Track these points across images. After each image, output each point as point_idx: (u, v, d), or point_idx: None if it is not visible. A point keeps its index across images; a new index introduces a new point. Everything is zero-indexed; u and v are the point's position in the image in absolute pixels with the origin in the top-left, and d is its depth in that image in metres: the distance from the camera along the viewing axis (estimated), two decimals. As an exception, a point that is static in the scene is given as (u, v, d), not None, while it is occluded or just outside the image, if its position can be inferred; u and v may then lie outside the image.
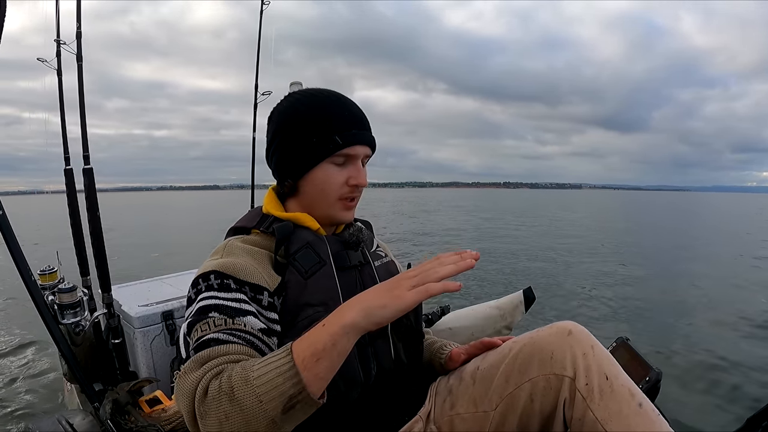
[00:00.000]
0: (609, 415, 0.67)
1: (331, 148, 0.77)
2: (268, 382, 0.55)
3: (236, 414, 0.55)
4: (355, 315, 0.57)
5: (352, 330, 0.57)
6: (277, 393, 0.55)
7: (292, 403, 0.55)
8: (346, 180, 0.79)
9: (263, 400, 0.54)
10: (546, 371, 0.72)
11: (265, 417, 0.55)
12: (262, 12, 2.23)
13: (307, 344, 0.57)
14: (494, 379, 0.77)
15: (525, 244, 9.33)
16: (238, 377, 0.56)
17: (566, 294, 4.92)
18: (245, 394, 0.55)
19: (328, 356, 0.56)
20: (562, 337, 0.73)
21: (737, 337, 3.45)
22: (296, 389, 0.55)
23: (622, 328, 3.67)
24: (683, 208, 31.43)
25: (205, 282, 0.70)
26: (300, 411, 0.56)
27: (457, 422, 0.80)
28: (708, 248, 9.10)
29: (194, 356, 0.62)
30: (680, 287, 5.32)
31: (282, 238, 0.77)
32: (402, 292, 0.57)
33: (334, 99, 0.81)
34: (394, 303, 0.57)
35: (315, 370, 0.56)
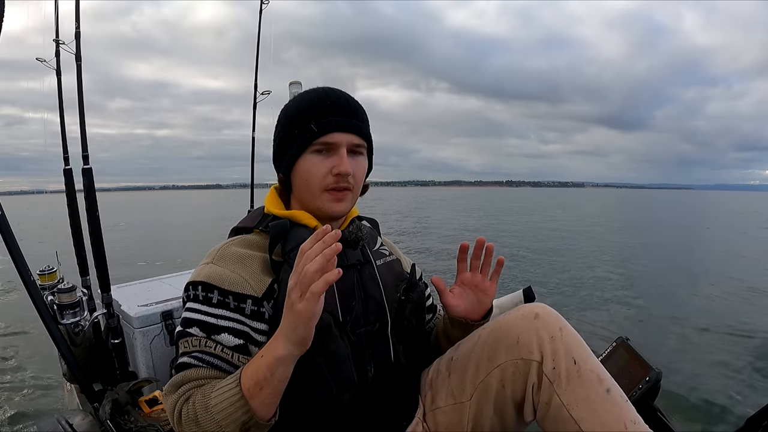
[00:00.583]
0: (575, 400, 0.66)
1: (308, 137, 0.77)
2: (222, 411, 0.63)
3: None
4: (282, 346, 0.62)
5: (286, 358, 0.62)
6: (231, 420, 0.63)
7: (246, 427, 0.64)
8: (329, 169, 0.78)
9: (222, 425, 0.63)
10: (514, 356, 0.71)
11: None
12: (261, 12, 2.23)
13: (250, 373, 0.64)
14: (467, 368, 0.77)
15: (524, 241, 9.33)
16: (200, 405, 0.65)
17: (566, 293, 4.92)
18: (207, 420, 0.64)
19: (269, 384, 0.62)
20: (529, 321, 0.72)
21: (738, 337, 3.45)
22: (247, 416, 0.63)
23: (623, 328, 3.67)
24: (687, 205, 31.39)
25: (193, 291, 0.75)
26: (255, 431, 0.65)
27: (438, 416, 0.80)
28: (710, 245, 9.10)
29: (171, 379, 0.73)
30: (680, 286, 5.31)
31: (276, 236, 0.77)
32: (297, 307, 0.59)
33: (320, 92, 0.81)
34: (300, 320, 0.60)
35: (260, 397, 0.63)
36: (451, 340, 0.89)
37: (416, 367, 0.88)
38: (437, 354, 0.96)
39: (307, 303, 0.58)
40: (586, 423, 0.65)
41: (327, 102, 0.79)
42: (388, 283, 0.84)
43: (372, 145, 0.85)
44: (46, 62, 1.50)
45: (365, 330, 0.78)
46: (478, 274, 0.85)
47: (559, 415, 0.67)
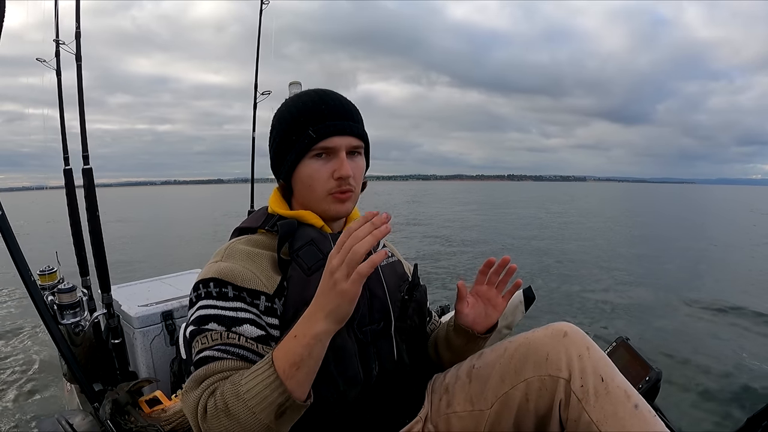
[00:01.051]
0: (604, 416, 0.67)
1: (306, 143, 0.77)
2: (257, 395, 0.60)
3: (235, 427, 0.60)
4: (322, 323, 0.61)
5: (325, 336, 0.62)
6: (267, 403, 0.60)
7: (282, 410, 0.60)
8: (331, 173, 0.78)
9: (256, 411, 0.60)
10: (541, 372, 0.72)
11: (260, 426, 0.60)
12: (261, 11, 2.23)
13: (283, 354, 0.62)
14: (490, 378, 0.77)
15: (523, 240, 9.33)
16: (230, 393, 0.61)
17: (565, 293, 4.92)
18: (239, 408, 0.60)
19: (305, 364, 0.61)
20: (558, 339, 0.74)
21: (738, 337, 3.45)
22: (283, 398, 0.60)
23: (622, 328, 3.67)
24: (689, 199, 31.32)
25: (204, 288, 0.73)
26: (290, 415, 0.62)
27: (453, 420, 0.80)
28: (712, 241, 9.10)
29: (193, 374, 0.68)
30: (680, 285, 5.31)
31: (285, 234, 0.77)
32: (342, 287, 0.59)
33: (313, 95, 0.81)
34: (345, 299, 0.60)
35: (296, 378, 0.61)
36: (451, 347, 0.90)
37: (418, 366, 0.89)
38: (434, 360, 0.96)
39: (354, 284, 0.59)
40: None
41: (322, 106, 0.78)
42: (391, 283, 0.84)
43: (369, 144, 0.85)
44: (46, 62, 1.50)
45: (370, 328, 0.79)
46: (494, 289, 0.87)
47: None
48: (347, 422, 0.75)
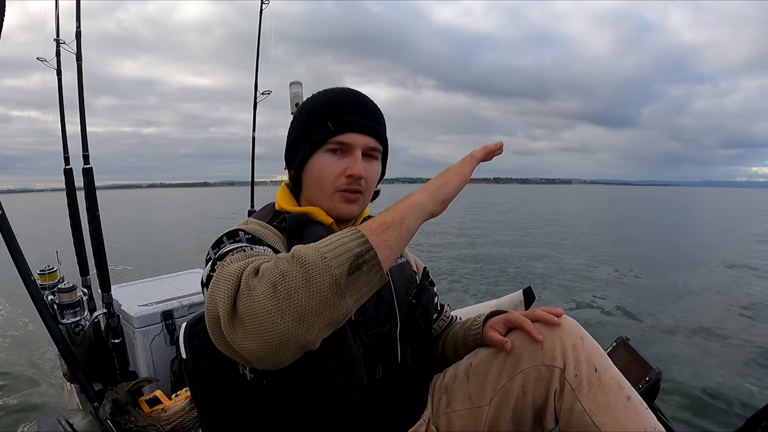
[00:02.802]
0: (597, 406, 0.67)
1: (324, 135, 0.75)
2: (333, 243, 0.52)
3: (295, 272, 0.49)
4: (420, 195, 0.60)
5: (419, 208, 0.59)
6: (343, 249, 0.51)
7: (359, 262, 0.51)
8: (342, 170, 0.76)
9: (328, 256, 0.50)
10: (537, 362, 0.72)
11: (329, 274, 0.49)
12: (261, 11, 2.23)
13: (372, 221, 0.57)
14: (488, 374, 0.77)
15: (520, 241, 9.33)
16: (299, 246, 0.53)
17: (565, 292, 4.92)
18: (308, 252, 0.51)
19: (396, 227, 0.56)
20: (552, 329, 0.74)
21: (738, 336, 3.45)
22: (364, 248, 0.52)
23: (622, 328, 3.67)
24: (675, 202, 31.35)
25: (230, 238, 0.67)
26: (365, 275, 0.52)
27: (453, 419, 0.80)
28: (703, 242, 9.11)
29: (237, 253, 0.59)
30: (679, 284, 5.32)
31: (294, 228, 0.75)
32: (456, 169, 0.64)
33: (339, 91, 0.80)
34: (454, 178, 0.63)
35: (384, 236, 0.55)
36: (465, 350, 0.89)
37: (422, 370, 0.88)
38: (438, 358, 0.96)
39: (466, 164, 0.64)
40: (608, 429, 0.66)
41: (345, 101, 0.77)
42: (399, 286, 0.83)
43: (387, 150, 0.83)
44: (46, 61, 1.50)
45: (375, 332, 0.78)
46: None
47: (581, 422, 0.68)
48: (350, 426, 0.75)
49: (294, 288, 0.48)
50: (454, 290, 5.06)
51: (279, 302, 0.48)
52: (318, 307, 0.49)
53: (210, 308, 0.52)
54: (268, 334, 0.48)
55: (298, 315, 0.48)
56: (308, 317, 0.49)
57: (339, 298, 0.50)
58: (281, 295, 0.48)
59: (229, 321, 0.50)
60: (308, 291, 0.48)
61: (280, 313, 0.48)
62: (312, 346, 0.52)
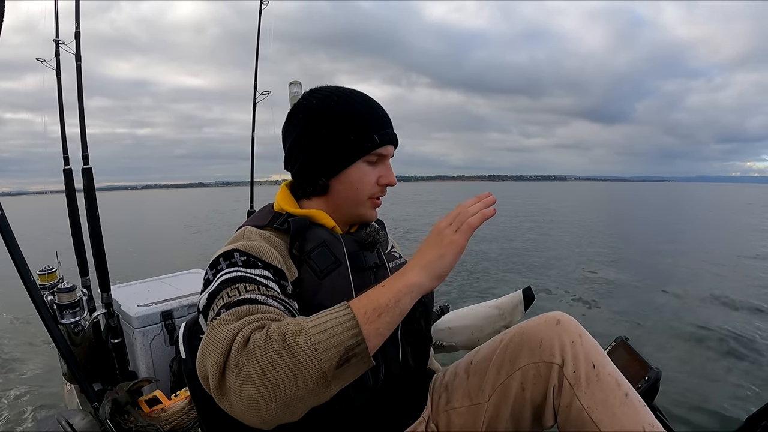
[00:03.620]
0: (595, 403, 0.68)
1: (369, 147, 0.77)
2: (325, 331, 0.52)
3: (285, 362, 0.49)
4: (416, 274, 0.59)
5: (416, 288, 0.59)
6: (334, 342, 0.51)
7: (349, 355, 0.52)
8: (377, 179, 0.79)
9: (319, 348, 0.50)
10: (535, 359, 0.73)
11: (317, 368, 0.50)
12: (261, 12, 2.22)
13: (367, 301, 0.56)
14: (487, 371, 0.78)
15: (517, 239, 9.33)
16: (292, 326, 0.52)
17: (565, 293, 4.92)
18: (299, 341, 0.50)
19: (390, 312, 0.56)
20: (551, 326, 0.74)
21: (738, 336, 3.45)
22: (355, 340, 0.52)
23: (622, 327, 3.67)
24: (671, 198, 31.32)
25: (227, 260, 0.66)
26: (353, 367, 0.53)
27: (453, 417, 0.80)
28: (701, 239, 9.10)
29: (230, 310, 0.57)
30: (678, 283, 5.31)
31: (297, 232, 0.75)
32: (450, 238, 0.60)
33: (367, 99, 0.81)
34: (450, 249, 0.60)
35: (376, 324, 0.55)
36: None
37: (422, 369, 0.89)
38: None
39: (462, 234, 0.60)
40: (606, 426, 0.66)
41: (380, 113, 0.80)
42: None
43: None
44: (46, 62, 1.50)
45: None
46: None
47: (579, 418, 0.68)
48: (352, 426, 0.75)
49: (282, 379, 0.49)
50: (454, 290, 5.06)
51: (266, 390, 0.49)
52: (303, 396, 0.51)
53: (200, 369, 0.54)
54: (253, 415, 0.50)
55: (283, 404, 0.50)
56: (293, 405, 0.51)
57: (325, 388, 0.52)
58: (269, 384, 0.49)
59: (218, 389, 0.52)
60: (296, 383, 0.50)
61: (267, 401, 0.49)
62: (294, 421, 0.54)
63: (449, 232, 0.61)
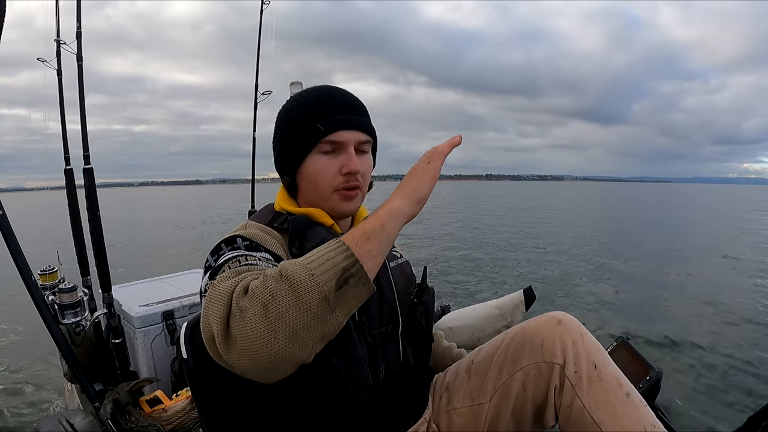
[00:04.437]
0: (596, 403, 0.67)
1: (314, 137, 0.75)
2: (319, 259, 0.53)
3: (285, 291, 0.50)
4: (398, 201, 0.60)
5: (398, 213, 0.59)
6: (329, 265, 0.52)
7: (346, 275, 0.52)
8: (338, 169, 0.76)
9: (315, 273, 0.51)
10: (537, 359, 0.73)
11: (317, 291, 0.50)
12: (262, 11, 2.22)
13: (354, 231, 0.57)
14: (489, 371, 0.78)
15: (514, 240, 9.33)
16: (286, 262, 0.53)
17: (564, 293, 4.92)
18: (295, 270, 0.51)
19: (377, 236, 0.57)
20: (552, 326, 0.74)
21: (737, 336, 3.45)
22: (349, 261, 0.53)
23: (622, 328, 3.67)
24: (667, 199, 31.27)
25: (229, 245, 0.67)
26: (353, 288, 0.53)
27: (454, 417, 0.80)
28: (700, 241, 9.10)
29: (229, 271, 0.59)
30: (678, 283, 5.31)
31: (296, 230, 0.75)
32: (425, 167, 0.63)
33: (323, 90, 0.79)
34: (426, 175, 0.62)
35: (367, 246, 0.55)
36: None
37: (423, 369, 0.89)
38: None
39: (435, 161, 0.63)
40: (607, 426, 0.66)
41: (330, 100, 0.77)
42: (400, 285, 0.83)
43: (376, 141, 0.84)
44: (46, 62, 1.50)
45: (379, 332, 0.78)
46: None
47: (580, 418, 0.68)
48: (353, 425, 0.75)
49: (285, 308, 0.49)
50: (456, 290, 5.06)
51: (271, 323, 0.49)
52: (309, 324, 0.50)
53: (205, 328, 0.54)
54: (263, 355, 0.49)
55: (290, 334, 0.49)
56: (300, 335, 0.50)
57: (329, 313, 0.51)
58: (273, 316, 0.49)
59: (224, 342, 0.51)
60: (299, 310, 0.49)
61: (273, 334, 0.49)
62: (307, 361, 0.53)
63: (423, 164, 0.63)
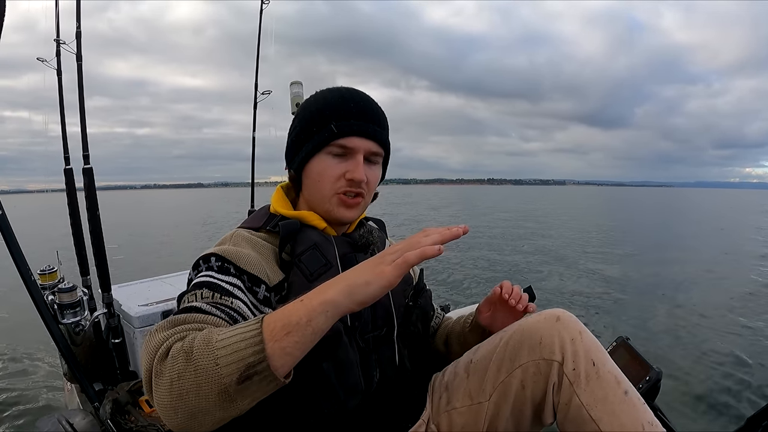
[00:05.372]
0: (594, 400, 0.67)
1: (326, 137, 0.75)
2: (228, 346, 0.51)
3: (189, 374, 0.50)
4: (337, 292, 0.54)
5: (332, 308, 0.54)
6: (235, 358, 0.50)
7: (249, 373, 0.50)
8: (342, 173, 0.76)
9: (220, 363, 0.50)
10: (535, 356, 0.72)
11: (218, 383, 0.50)
12: (261, 12, 2.22)
13: (280, 316, 0.54)
14: (487, 370, 0.77)
15: (514, 242, 9.33)
16: (201, 339, 0.52)
17: (564, 293, 4.92)
18: (202, 354, 0.51)
19: (300, 332, 0.52)
20: (551, 323, 0.74)
21: (738, 336, 3.46)
22: (256, 358, 0.51)
23: (622, 327, 3.67)
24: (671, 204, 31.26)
25: (205, 263, 0.69)
26: (257, 385, 0.51)
27: (454, 417, 0.80)
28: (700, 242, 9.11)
29: (170, 317, 0.60)
30: (679, 283, 5.32)
31: (286, 235, 0.75)
32: (382, 268, 0.55)
33: (344, 92, 0.79)
34: (378, 279, 0.54)
35: (282, 343, 0.52)
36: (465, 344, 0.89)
37: (420, 372, 0.88)
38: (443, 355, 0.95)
39: (396, 267, 0.54)
40: (605, 424, 0.66)
41: (351, 104, 0.76)
42: (395, 288, 0.82)
43: (389, 155, 0.83)
44: (46, 62, 1.50)
45: (372, 335, 0.78)
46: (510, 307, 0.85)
47: (578, 416, 0.68)
48: (349, 429, 0.74)
49: (186, 390, 0.51)
50: (455, 290, 5.06)
51: (173, 400, 0.51)
52: (208, 409, 0.51)
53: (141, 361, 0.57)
54: (166, 421, 0.53)
55: (189, 414, 0.51)
56: (199, 416, 0.52)
57: (229, 403, 0.51)
58: (175, 394, 0.51)
59: (147, 390, 0.55)
60: (198, 396, 0.51)
61: (174, 410, 0.51)
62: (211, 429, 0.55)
63: (389, 260, 0.56)
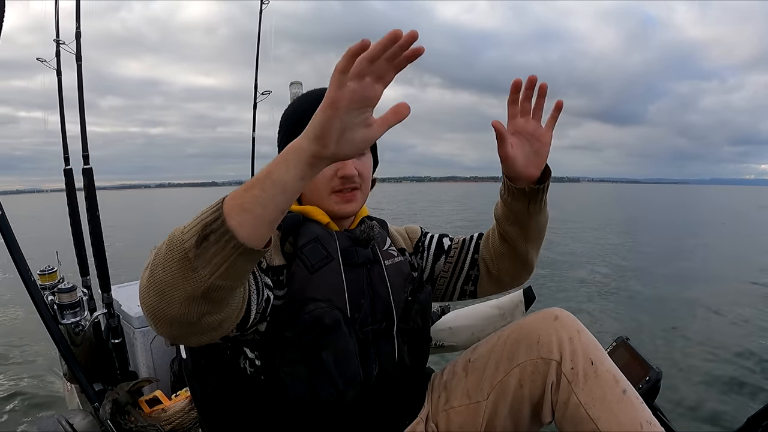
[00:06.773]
0: (592, 399, 0.67)
1: None
2: (197, 217, 0.51)
3: (161, 247, 0.51)
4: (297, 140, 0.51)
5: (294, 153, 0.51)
6: (197, 222, 0.50)
7: (206, 232, 0.49)
8: (334, 172, 0.77)
9: (185, 231, 0.50)
10: (533, 356, 0.72)
11: (180, 248, 0.49)
12: (261, 11, 2.23)
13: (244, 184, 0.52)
14: (486, 369, 0.78)
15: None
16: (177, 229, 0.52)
17: (564, 293, 4.92)
18: (176, 230, 0.51)
19: (260, 185, 0.50)
20: (549, 322, 0.74)
21: (738, 336, 3.45)
22: (212, 216, 0.49)
23: (622, 328, 3.67)
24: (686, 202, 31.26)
25: None
26: (214, 245, 0.49)
27: (452, 416, 0.80)
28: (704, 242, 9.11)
29: None
30: (679, 283, 5.31)
31: (288, 228, 0.76)
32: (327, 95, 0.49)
33: (318, 94, 0.80)
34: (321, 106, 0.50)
35: (240, 199, 0.50)
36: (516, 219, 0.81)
37: (419, 368, 0.89)
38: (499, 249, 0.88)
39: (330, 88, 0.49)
40: (603, 423, 0.66)
41: None
42: (395, 284, 0.83)
43: None
44: (46, 62, 1.50)
45: (372, 328, 0.78)
46: (532, 120, 0.76)
47: (576, 415, 0.68)
48: (348, 423, 0.75)
49: (156, 265, 0.51)
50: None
51: (147, 279, 0.51)
52: (172, 281, 0.50)
53: None
54: (144, 308, 0.52)
55: (157, 291, 0.50)
56: (166, 292, 0.50)
57: (190, 271, 0.49)
58: (149, 272, 0.51)
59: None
60: (163, 267, 0.50)
61: (147, 289, 0.51)
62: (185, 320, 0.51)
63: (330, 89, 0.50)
